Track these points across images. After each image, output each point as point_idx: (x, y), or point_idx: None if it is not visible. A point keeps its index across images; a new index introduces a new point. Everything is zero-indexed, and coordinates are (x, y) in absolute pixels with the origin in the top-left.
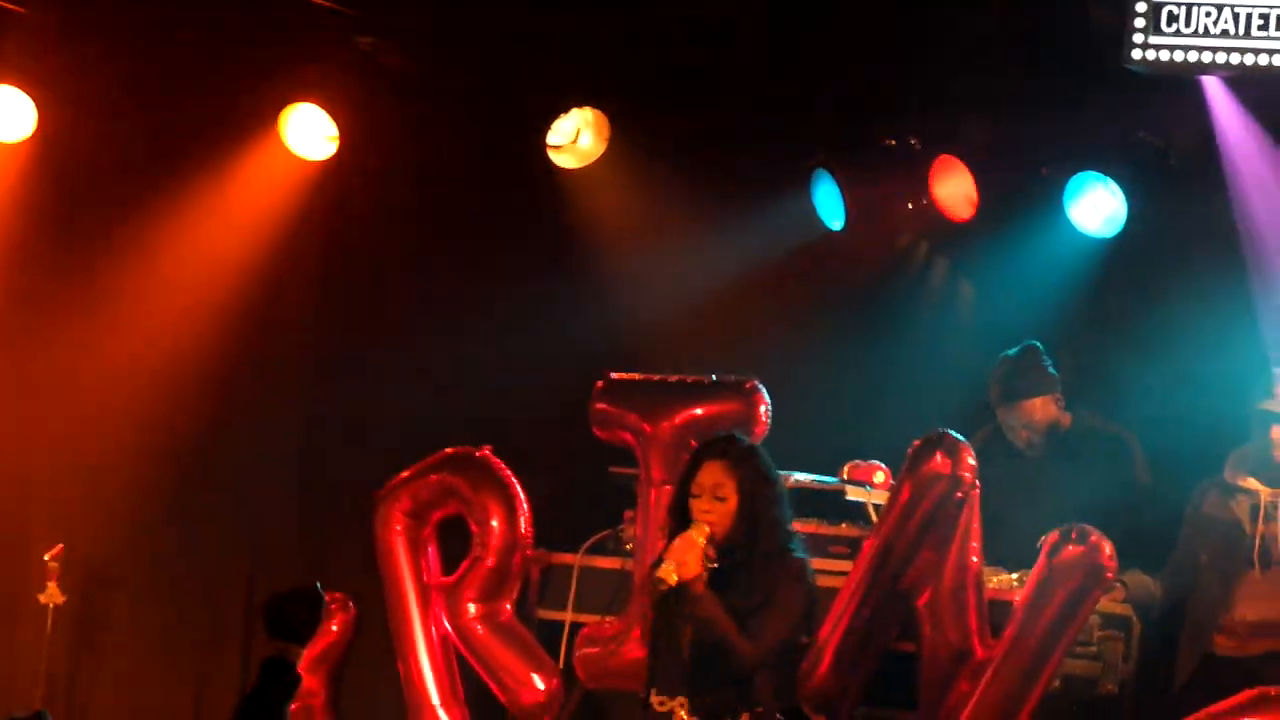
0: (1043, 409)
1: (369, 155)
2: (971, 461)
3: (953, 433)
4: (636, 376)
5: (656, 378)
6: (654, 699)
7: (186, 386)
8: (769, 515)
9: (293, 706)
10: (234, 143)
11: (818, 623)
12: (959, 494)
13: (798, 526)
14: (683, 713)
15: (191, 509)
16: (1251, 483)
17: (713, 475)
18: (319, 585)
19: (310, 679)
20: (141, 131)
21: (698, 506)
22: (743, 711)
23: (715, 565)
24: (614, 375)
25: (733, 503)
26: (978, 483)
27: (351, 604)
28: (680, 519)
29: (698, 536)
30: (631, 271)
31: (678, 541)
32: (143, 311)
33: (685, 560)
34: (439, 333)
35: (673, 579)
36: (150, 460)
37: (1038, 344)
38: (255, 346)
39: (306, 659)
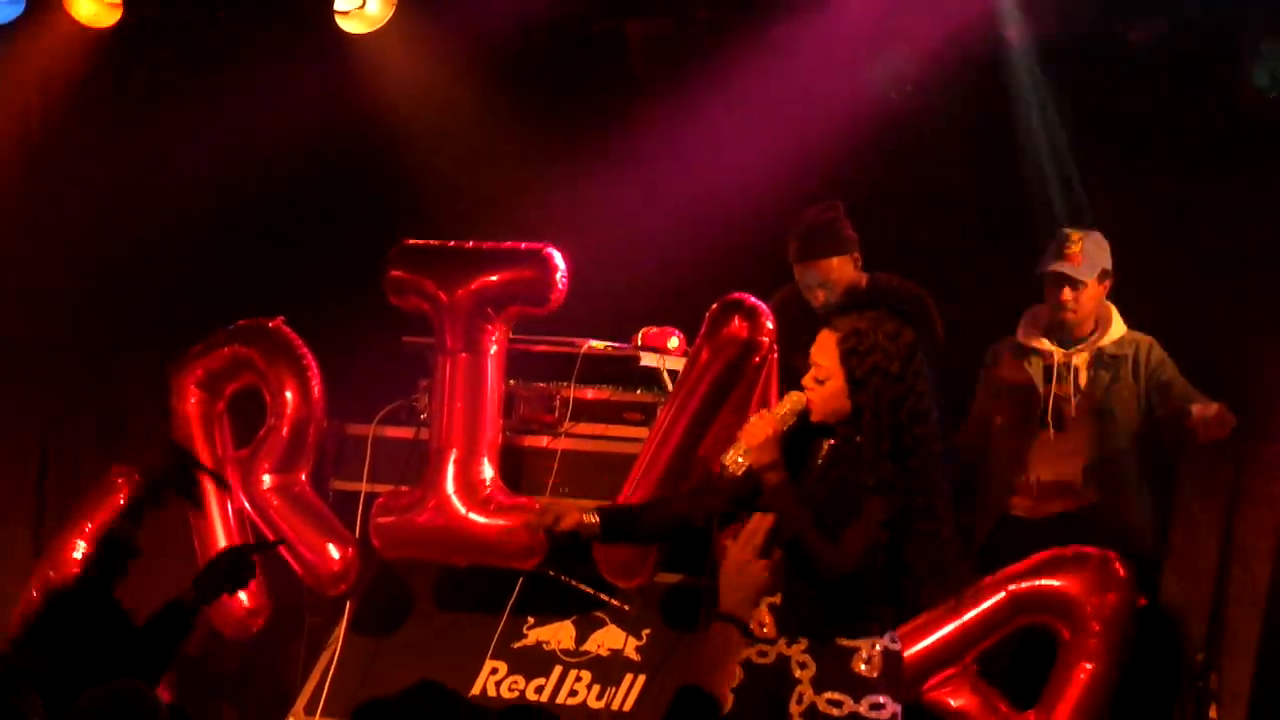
0: (840, 268)
1: (154, 22)
2: (770, 325)
3: (751, 296)
4: (431, 243)
5: (451, 244)
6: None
7: None
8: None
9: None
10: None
11: None
12: (756, 358)
13: (591, 394)
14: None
15: None
16: (1044, 344)
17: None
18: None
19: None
20: None
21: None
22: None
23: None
24: (408, 241)
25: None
26: (776, 346)
27: (138, 476)
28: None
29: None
30: (422, 137)
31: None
32: None
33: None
34: (228, 200)
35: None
36: None
37: (838, 202)
38: (32, 213)
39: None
